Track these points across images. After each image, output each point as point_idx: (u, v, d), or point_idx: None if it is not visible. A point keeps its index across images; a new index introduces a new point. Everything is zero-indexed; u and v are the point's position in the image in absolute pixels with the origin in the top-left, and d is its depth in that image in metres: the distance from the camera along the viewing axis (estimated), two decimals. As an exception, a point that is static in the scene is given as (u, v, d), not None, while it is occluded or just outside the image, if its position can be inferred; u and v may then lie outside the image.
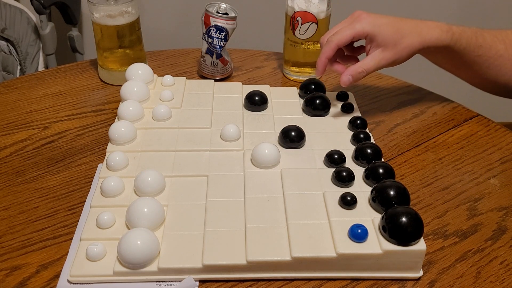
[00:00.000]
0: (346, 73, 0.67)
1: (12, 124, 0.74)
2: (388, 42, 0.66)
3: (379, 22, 0.66)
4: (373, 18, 0.67)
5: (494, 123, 0.77)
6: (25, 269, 0.52)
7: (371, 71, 0.67)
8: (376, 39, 0.66)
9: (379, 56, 0.67)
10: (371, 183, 0.58)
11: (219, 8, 0.82)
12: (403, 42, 0.66)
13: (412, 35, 0.66)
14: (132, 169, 0.61)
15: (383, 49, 0.66)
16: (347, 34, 0.66)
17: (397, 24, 0.67)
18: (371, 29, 0.66)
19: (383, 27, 0.66)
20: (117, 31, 0.81)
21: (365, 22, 0.66)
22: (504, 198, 0.62)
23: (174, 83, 0.78)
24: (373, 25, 0.66)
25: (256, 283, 0.51)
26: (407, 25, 0.67)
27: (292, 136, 0.65)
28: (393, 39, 0.66)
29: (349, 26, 0.67)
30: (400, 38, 0.66)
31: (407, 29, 0.66)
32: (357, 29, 0.66)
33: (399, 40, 0.66)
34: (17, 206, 0.59)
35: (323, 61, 0.68)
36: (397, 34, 0.66)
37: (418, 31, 0.67)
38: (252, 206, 0.55)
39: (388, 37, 0.66)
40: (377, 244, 0.50)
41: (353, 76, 0.67)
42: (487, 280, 0.52)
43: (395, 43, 0.66)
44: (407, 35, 0.66)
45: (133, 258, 0.49)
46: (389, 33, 0.66)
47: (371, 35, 0.66)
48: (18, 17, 1.40)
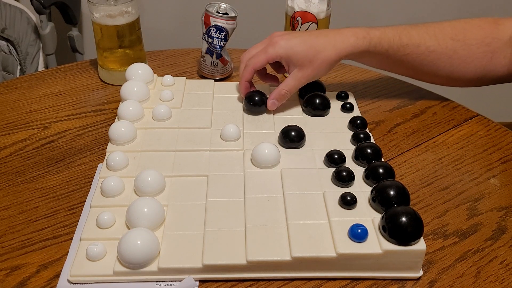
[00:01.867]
0: (270, 98, 0.70)
1: (12, 124, 0.74)
2: (303, 61, 0.68)
3: (291, 44, 0.68)
4: (286, 40, 0.69)
5: (494, 123, 0.77)
6: (25, 269, 0.52)
7: (293, 91, 0.71)
8: (291, 60, 0.69)
9: (297, 75, 0.69)
10: (371, 183, 0.58)
11: (219, 8, 0.82)
12: (319, 58, 0.68)
13: (327, 49, 0.68)
14: (132, 169, 0.61)
15: (300, 68, 0.69)
16: (261, 59, 0.70)
17: (310, 41, 0.69)
18: (284, 52, 0.68)
19: (295, 48, 0.68)
20: (117, 31, 0.81)
21: (278, 46, 0.69)
22: (504, 198, 0.62)
23: (174, 83, 0.78)
24: (286, 48, 0.68)
25: (256, 283, 0.51)
26: (320, 40, 0.69)
27: (292, 136, 0.65)
28: (307, 57, 0.68)
29: (264, 51, 0.70)
30: (315, 54, 0.68)
31: (320, 44, 0.69)
32: (270, 54, 0.69)
33: (314, 57, 0.68)
34: (17, 206, 0.59)
35: (244, 84, 0.72)
36: (311, 50, 0.68)
37: (332, 43, 0.69)
38: (252, 206, 0.56)
39: (302, 56, 0.68)
40: (377, 244, 0.50)
41: (278, 99, 0.71)
42: (487, 280, 0.52)
43: (310, 61, 0.68)
44: (321, 51, 0.68)
45: (133, 258, 0.49)
46: (303, 52, 0.68)
47: (286, 58, 0.69)
48: (18, 17, 1.40)
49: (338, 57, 0.69)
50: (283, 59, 0.70)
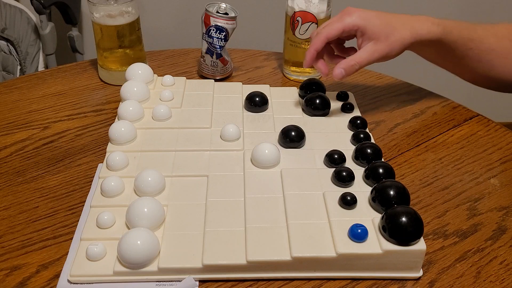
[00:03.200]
0: (338, 66, 0.66)
1: (12, 124, 0.74)
2: (379, 34, 0.66)
3: (369, 15, 0.66)
4: (363, 11, 0.67)
5: (494, 123, 0.77)
6: (25, 269, 0.52)
7: (364, 65, 0.67)
8: (367, 32, 0.66)
9: (371, 48, 0.66)
10: (371, 183, 0.58)
11: (219, 8, 0.82)
12: (395, 35, 0.66)
13: (403, 28, 0.66)
14: (132, 169, 0.61)
15: (375, 42, 0.66)
16: (336, 26, 0.66)
17: (387, 17, 0.67)
18: (361, 22, 0.65)
19: (373, 19, 0.66)
20: (117, 31, 0.81)
21: (355, 16, 0.66)
22: (504, 198, 0.62)
23: (174, 83, 0.78)
24: (363, 18, 0.66)
25: (256, 283, 0.51)
26: (397, 18, 0.67)
27: (292, 136, 0.65)
28: (384, 31, 0.66)
29: (339, 20, 0.66)
30: (391, 30, 0.66)
31: (397, 22, 0.66)
32: (347, 22, 0.66)
33: (391, 33, 0.66)
34: (17, 206, 0.59)
35: (311, 53, 0.67)
36: (388, 27, 0.66)
37: (409, 24, 0.67)
38: (252, 206, 0.56)
39: (379, 29, 0.66)
40: (377, 244, 0.50)
41: (346, 70, 0.66)
42: (487, 280, 0.52)
43: (386, 36, 0.66)
44: (398, 28, 0.66)
45: (133, 258, 0.49)
46: (380, 25, 0.66)
47: (362, 28, 0.66)
48: (18, 17, 1.40)
49: (413, 39, 0.67)
50: (359, 30, 0.66)
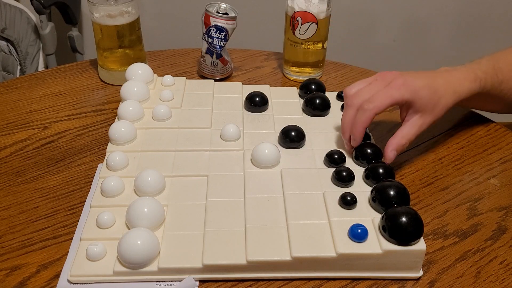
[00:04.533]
0: (391, 149, 0.62)
1: (12, 124, 0.74)
2: (426, 107, 0.62)
3: (416, 87, 0.62)
4: (410, 83, 0.62)
5: (494, 123, 0.77)
6: (25, 269, 0.52)
7: (413, 140, 0.64)
8: (415, 105, 0.62)
9: (418, 122, 0.63)
10: (371, 183, 0.58)
11: (219, 8, 0.82)
12: (440, 104, 0.63)
13: (448, 94, 0.64)
14: (132, 169, 0.61)
15: (422, 114, 0.63)
16: (385, 103, 0.60)
17: (433, 86, 0.63)
18: (410, 96, 0.61)
19: (421, 92, 0.62)
20: (117, 31, 0.81)
21: (403, 90, 0.61)
22: (504, 198, 0.62)
23: (174, 83, 0.78)
24: (412, 91, 0.61)
25: (256, 283, 0.51)
26: (441, 83, 0.64)
27: (292, 136, 0.65)
28: (431, 103, 0.62)
29: (387, 93, 0.61)
30: (437, 100, 0.63)
31: (442, 89, 0.63)
32: (396, 98, 0.61)
33: (437, 103, 0.63)
34: (17, 206, 0.59)
35: (361, 132, 0.62)
36: (435, 96, 0.63)
37: (451, 88, 0.64)
38: (252, 206, 0.56)
39: (426, 101, 0.62)
40: (377, 244, 0.50)
41: (398, 150, 0.63)
42: (487, 280, 0.52)
43: (433, 107, 0.63)
44: (443, 96, 0.63)
45: (133, 258, 0.49)
46: (427, 97, 0.62)
47: (410, 102, 0.62)
48: (18, 17, 1.40)
49: (456, 102, 0.65)
50: (406, 103, 0.62)
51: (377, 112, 0.60)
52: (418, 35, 1.77)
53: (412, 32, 1.76)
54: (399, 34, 1.76)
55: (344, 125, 0.63)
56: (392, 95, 0.61)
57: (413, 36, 1.77)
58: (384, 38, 1.76)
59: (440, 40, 1.77)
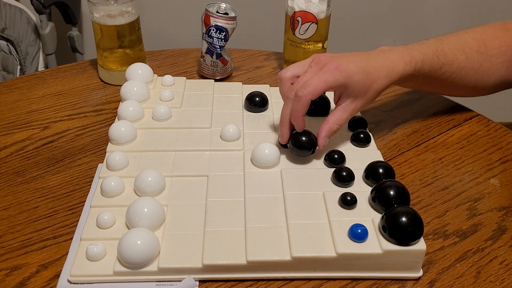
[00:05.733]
0: (322, 135, 0.62)
1: (12, 124, 0.74)
2: (359, 91, 0.62)
3: (350, 72, 0.60)
4: (344, 67, 0.60)
5: (494, 123, 0.77)
6: (25, 269, 0.52)
7: (344, 124, 0.64)
8: (348, 90, 0.61)
9: (350, 107, 0.63)
10: (371, 183, 0.58)
11: (219, 8, 0.82)
12: (373, 88, 0.62)
13: (380, 79, 0.63)
14: (132, 169, 0.61)
15: (354, 99, 0.62)
16: (319, 87, 0.59)
17: (366, 69, 0.62)
18: (343, 80, 0.60)
19: (355, 76, 0.60)
20: (117, 31, 0.81)
21: (337, 74, 0.59)
22: (504, 198, 0.62)
23: (174, 83, 0.78)
24: (346, 76, 0.60)
25: (256, 283, 0.51)
26: (374, 67, 0.63)
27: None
28: (364, 88, 0.62)
29: (321, 78, 0.59)
30: (370, 84, 0.62)
31: (375, 72, 0.62)
32: (330, 82, 0.59)
33: (370, 87, 0.62)
34: (17, 206, 0.59)
35: (301, 119, 0.61)
36: (368, 81, 0.62)
37: (385, 71, 0.63)
38: (252, 206, 0.56)
39: (359, 86, 0.61)
40: (377, 244, 0.50)
41: (330, 136, 0.63)
42: (487, 280, 0.52)
43: (366, 92, 0.62)
44: (375, 80, 0.62)
45: (133, 258, 0.49)
46: (361, 82, 0.61)
47: (343, 86, 0.61)
48: (18, 17, 1.40)
49: (388, 85, 0.64)
50: (340, 88, 0.61)
51: (312, 97, 0.59)
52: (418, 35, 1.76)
53: (412, 32, 1.76)
54: (399, 34, 1.76)
55: (283, 117, 0.62)
56: (326, 79, 0.59)
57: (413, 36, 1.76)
58: (384, 38, 1.76)
59: (440, 40, 1.77)
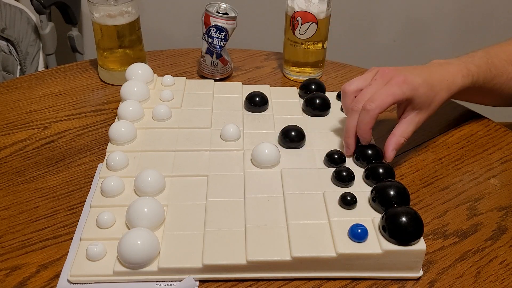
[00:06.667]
0: (391, 149, 0.62)
1: (12, 124, 0.74)
2: (424, 104, 0.63)
3: (416, 84, 0.61)
4: (410, 80, 0.61)
5: (494, 123, 0.77)
6: (25, 269, 0.52)
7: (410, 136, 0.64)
8: (413, 103, 0.62)
9: (415, 119, 0.64)
10: (371, 183, 0.58)
11: (219, 8, 0.82)
12: (436, 100, 0.64)
13: (442, 91, 0.65)
14: (132, 169, 0.61)
15: (419, 112, 0.63)
16: (388, 101, 0.60)
17: (430, 82, 0.63)
18: (410, 93, 0.61)
19: (420, 89, 0.62)
20: (117, 31, 0.81)
21: (405, 87, 0.60)
22: (504, 198, 0.62)
23: (174, 83, 0.78)
24: (412, 89, 0.61)
25: (256, 283, 0.51)
26: (436, 79, 0.64)
27: (292, 136, 0.65)
28: (428, 100, 0.63)
29: (388, 92, 0.60)
30: (433, 97, 0.64)
31: (437, 85, 0.64)
32: (398, 96, 0.60)
33: (433, 99, 0.64)
34: (17, 206, 0.59)
35: (368, 132, 0.61)
36: (431, 93, 0.63)
37: (446, 84, 0.65)
38: (252, 206, 0.56)
39: (424, 99, 0.63)
40: (377, 244, 0.50)
41: (397, 149, 0.63)
42: (487, 280, 0.52)
43: (429, 104, 0.64)
44: (438, 92, 0.64)
45: (133, 258, 0.49)
46: (425, 94, 0.63)
47: (409, 99, 0.62)
48: (18, 17, 1.40)
49: (449, 98, 0.66)
50: (406, 101, 0.62)
51: (380, 111, 0.60)
52: (418, 35, 1.77)
53: (412, 32, 1.76)
54: (399, 34, 1.76)
55: (349, 129, 0.62)
56: (394, 93, 0.60)
57: (413, 36, 1.77)
58: (384, 38, 1.76)
59: (440, 40, 1.77)
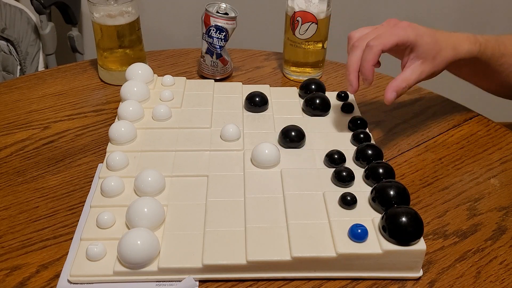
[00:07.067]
0: (391, 90, 0.62)
1: (12, 124, 0.74)
2: (427, 54, 0.63)
3: (420, 32, 0.63)
4: (414, 25, 0.63)
5: (494, 123, 0.77)
6: (25, 269, 0.52)
7: (412, 85, 0.64)
8: (417, 50, 0.63)
9: (419, 69, 0.63)
10: (371, 183, 0.58)
11: (219, 8, 0.82)
12: (441, 55, 0.64)
13: (447, 48, 0.64)
14: (132, 169, 0.61)
15: (423, 62, 0.63)
16: (391, 39, 0.61)
17: (435, 36, 0.64)
18: (414, 38, 0.62)
19: (424, 37, 0.62)
20: (117, 31, 0.81)
21: (409, 30, 0.62)
22: (504, 198, 0.62)
23: (174, 83, 0.78)
24: (416, 33, 0.62)
25: (256, 283, 0.51)
26: (442, 37, 0.65)
27: (292, 136, 0.65)
28: (432, 51, 0.63)
29: (392, 32, 0.62)
30: (438, 50, 0.63)
31: (443, 41, 0.64)
32: (402, 36, 0.61)
33: (438, 53, 0.63)
34: (17, 206, 0.60)
35: (371, 69, 0.61)
36: (436, 46, 0.63)
37: (451, 44, 0.65)
38: (252, 206, 0.56)
39: (429, 48, 0.63)
40: (377, 244, 0.50)
41: (398, 92, 0.62)
42: (487, 280, 0.52)
43: (434, 56, 0.63)
44: (443, 48, 0.64)
45: (133, 258, 0.49)
46: (430, 44, 0.63)
47: (413, 45, 0.62)
48: (18, 17, 1.40)
49: (454, 58, 0.65)
50: (410, 46, 0.62)
51: (384, 48, 0.60)
52: (418, 35, 1.77)
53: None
54: (399, 34, 1.76)
55: (350, 66, 0.62)
56: (398, 33, 0.61)
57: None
58: (384, 38, 1.76)
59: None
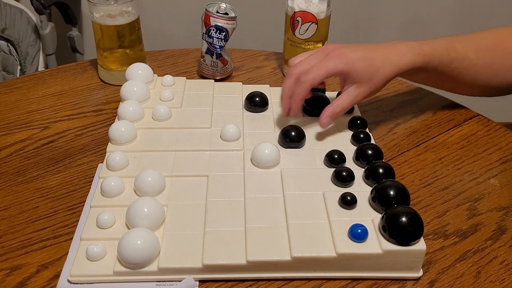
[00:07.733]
0: (325, 116, 0.66)
1: (12, 124, 0.74)
2: (362, 78, 0.64)
3: (352, 59, 0.64)
4: (346, 54, 0.64)
5: (494, 123, 0.77)
6: (25, 269, 0.52)
7: (348, 109, 0.67)
8: (350, 76, 0.64)
9: (354, 92, 0.65)
10: (371, 183, 0.58)
11: (219, 8, 0.82)
12: (378, 75, 0.65)
13: (386, 66, 0.65)
14: (132, 169, 0.61)
15: (358, 85, 0.65)
16: (321, 74, 0.63)
17: (370, 57, 0.65)
18: (344, 67, 0.63)
19: (356, 63, 0.64)
20: (117, 31, 0.81)
21: (338, 60, 0.63)
22: (504, 198, 0.62)
23: (174, 83, 0.78)
24: (347, 63, 0.63)
25: (256, 283, 0.51)
26: (379, 55, 0.66)
27: (292, 136, 0.65)
28: (367, 74, 0.64)
29: (322, 65, 0.64)
30: (374, 71, 0.64)
31: (379, 60, 0.65)
32: (331, 68, 0.63)
33: (374, 74, 0.64)
34: (17, 206, 0.60)
35: (298, 103, 0.66)
36: (371, 67, 0.64)
37: (390, 60, 0.66)
38: (252, 206, 0.56)
39: (362, 73, 0.64)
40: (377, 244, 0.50)
41: (332, 117, 0.66)
42: (487, 280, 0.52)
43: (370, 78, 0.64)
44: (381, 67, 0.65)
45: (133, 258, 0.49)
46: (363, 69, 0.64)
47: (345, 73, 0.64)
48: (18, 17, 1.40)
49: (396, 74, 0.66)
50: (342, 74, 0.65)
51: (313, 83, 0.64)
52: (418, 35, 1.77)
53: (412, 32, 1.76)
54: (399, 34, 1.76)
55: (283, 92, 0.67)
56: (327, 65, 0.64)
57: (413, 36, 1.77)
58: (384, 38, 1.76)
59: (440, 40, 1.77)
